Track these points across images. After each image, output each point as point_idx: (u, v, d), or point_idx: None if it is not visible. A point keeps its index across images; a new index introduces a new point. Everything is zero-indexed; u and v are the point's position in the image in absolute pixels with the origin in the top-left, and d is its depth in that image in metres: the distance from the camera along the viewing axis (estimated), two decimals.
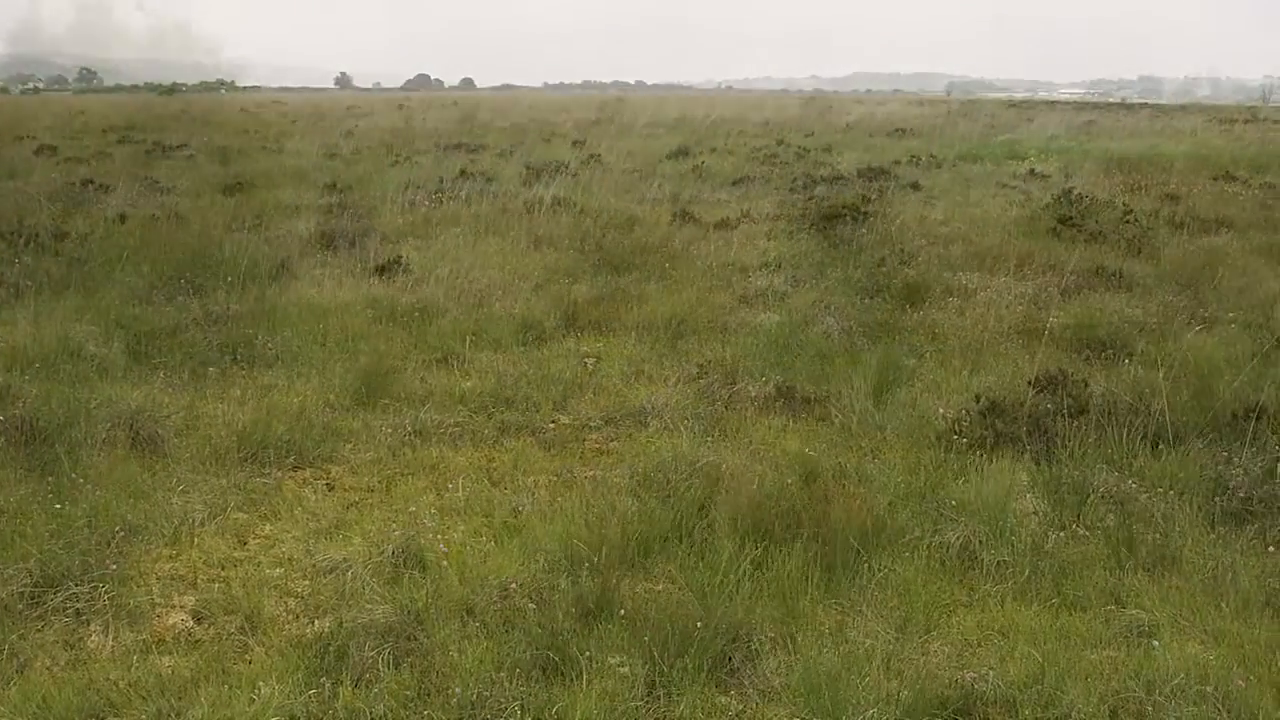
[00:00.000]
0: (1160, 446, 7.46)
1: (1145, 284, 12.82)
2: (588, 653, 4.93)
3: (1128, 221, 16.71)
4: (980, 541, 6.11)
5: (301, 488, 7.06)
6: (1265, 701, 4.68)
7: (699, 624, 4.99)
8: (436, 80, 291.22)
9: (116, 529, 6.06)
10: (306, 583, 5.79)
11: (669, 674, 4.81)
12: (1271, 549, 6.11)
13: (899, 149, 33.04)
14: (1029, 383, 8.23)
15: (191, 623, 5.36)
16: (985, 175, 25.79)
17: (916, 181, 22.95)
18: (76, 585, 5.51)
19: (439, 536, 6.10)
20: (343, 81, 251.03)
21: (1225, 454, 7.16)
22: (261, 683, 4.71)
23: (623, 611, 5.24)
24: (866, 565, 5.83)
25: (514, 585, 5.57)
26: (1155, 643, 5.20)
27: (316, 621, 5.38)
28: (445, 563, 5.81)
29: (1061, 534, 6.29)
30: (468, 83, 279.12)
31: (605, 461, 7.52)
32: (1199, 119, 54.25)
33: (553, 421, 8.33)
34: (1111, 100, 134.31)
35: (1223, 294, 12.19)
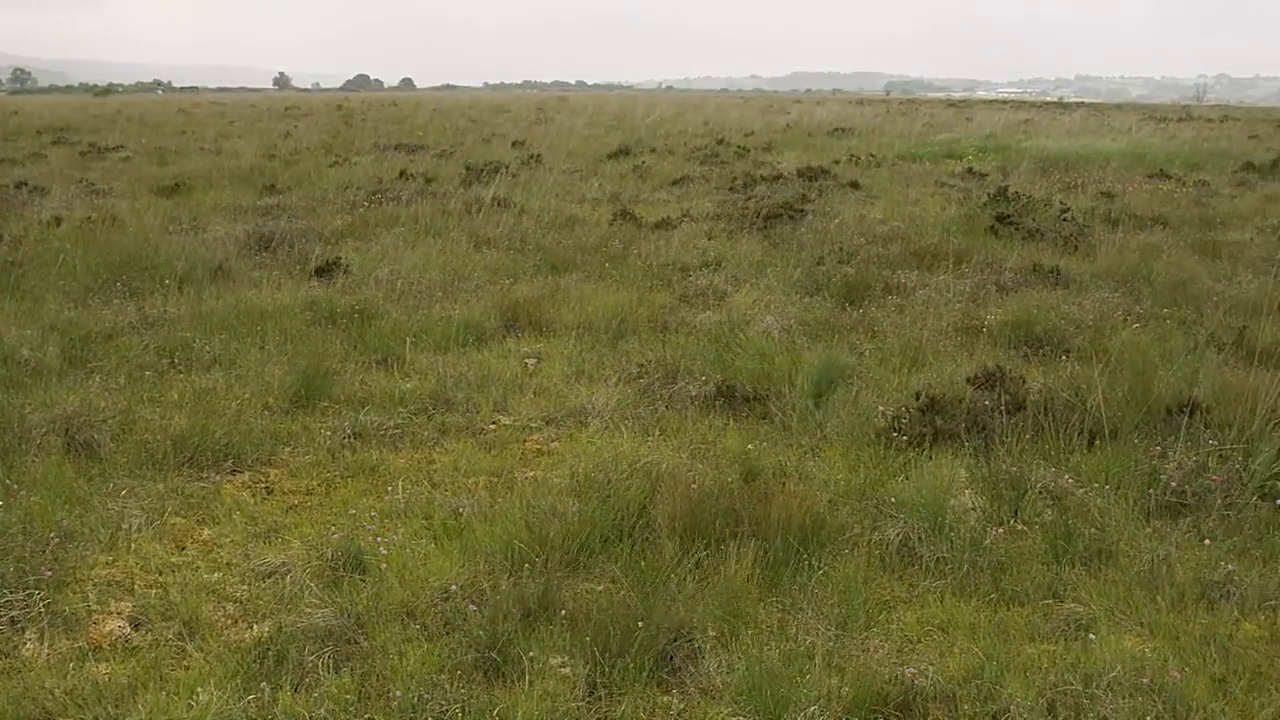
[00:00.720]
0: (1096, 442, 7.53)
1: (1082, 281, 12.95)
2: (529, 654, 4.91)
3: (1064, 219, 16.93)
4: (920, 538, 6.15)
5: (240, 491, 7.01)
6: (1199, 693, 4.73)
7: (640, 623, 4.98)
8: (376, 81, 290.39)
9: (51, 535, 5.98)
10: (245, 587, 5.73)
11: (611, 674, 4.80)
12: (1206, 542, 6.18)
13: (838, 148, 33.26)
14: (967, 380, 8.30)
15: (129, 629, 5.30)
16: (924, 174, 25.99)
17: (856, 180, 23.04)
18: (11, 593, 5.44)
19: (379, 539, 6.06)
20: (281, 82, 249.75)
21: (1159, 448, 7.24)
22: (200, 689, 4.66)
23: (564, 612, 5.22)
24: (807, 563, 5.84)
25: (455, 587, 5.55)
26: (1092, 636, 5.24)
27: (255, 626, 5.33)
28: (385, 565, 5.78)
29: (1000, 529, 6.32)
30: (407, 83, 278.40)
31: (546, 462, 7.51)
32: (1134, 118, 54.86)
33: (493, 422, 8.31)
34: (1049, 99, 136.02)
35: (1158, 290, 12.33)
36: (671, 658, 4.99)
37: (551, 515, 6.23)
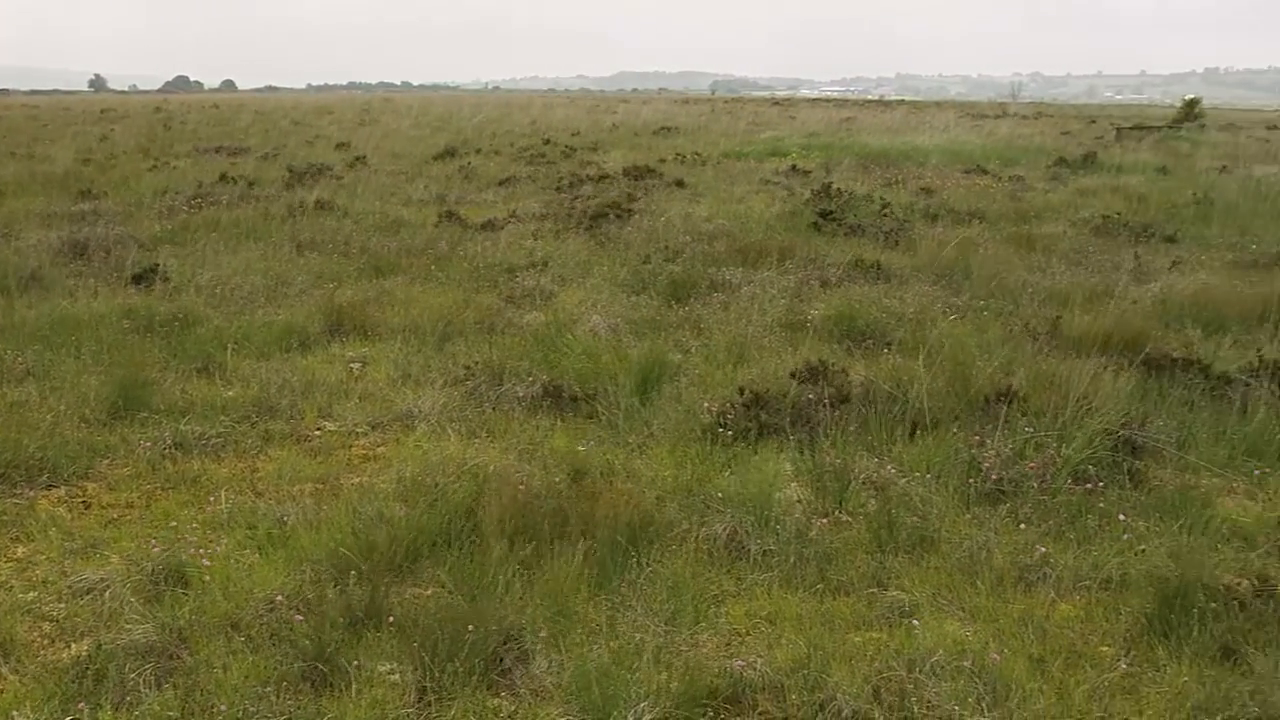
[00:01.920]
0: (918, 432, 7.70)
1: (902, 275, 13.22)
2: (356, 662, 4.87)
3: (885, 215, 17.26)
4: (747, 532, 6.21)
5: (56, 507, 6.80)
6: (1018, 673, 4.87)
7: (469, 627, 4.95)
8: (196, 82, 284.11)
9: None
10: (62, 605, 5.57)
11: (440, 679, 4.76)
12: (1023, 526, 6.37)
13: (664, 147, 33.46)
14: (792, 374, 8.40)
15: None
16: (749, 172, 26.26)
17: (681, 179, 23.23)
18: None
19: (201, 551, 5.93)
20: (97, 84, 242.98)
21: (979, 437, 7.41)
22: (15, 712, 4.53)
23: (392, 618, 5.18)
24: (636, 560, 5.86)
25: (280, 597, 5.45)
26: (915, 622, 5.36)
27: (73, 645, 5.19)
28: (208, 578, 5.66)
29: (825, 521, 6.44)
30: (229, 84, 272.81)
31: (372, 467, 7.42)
32: (953, 115, 56.12)
33: (318, 429, 8.20)
34: (870, 97, 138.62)
35: (975, 283, 12.64)
36: (501, 660, 4.98)
37: (378, 521, 6.17)
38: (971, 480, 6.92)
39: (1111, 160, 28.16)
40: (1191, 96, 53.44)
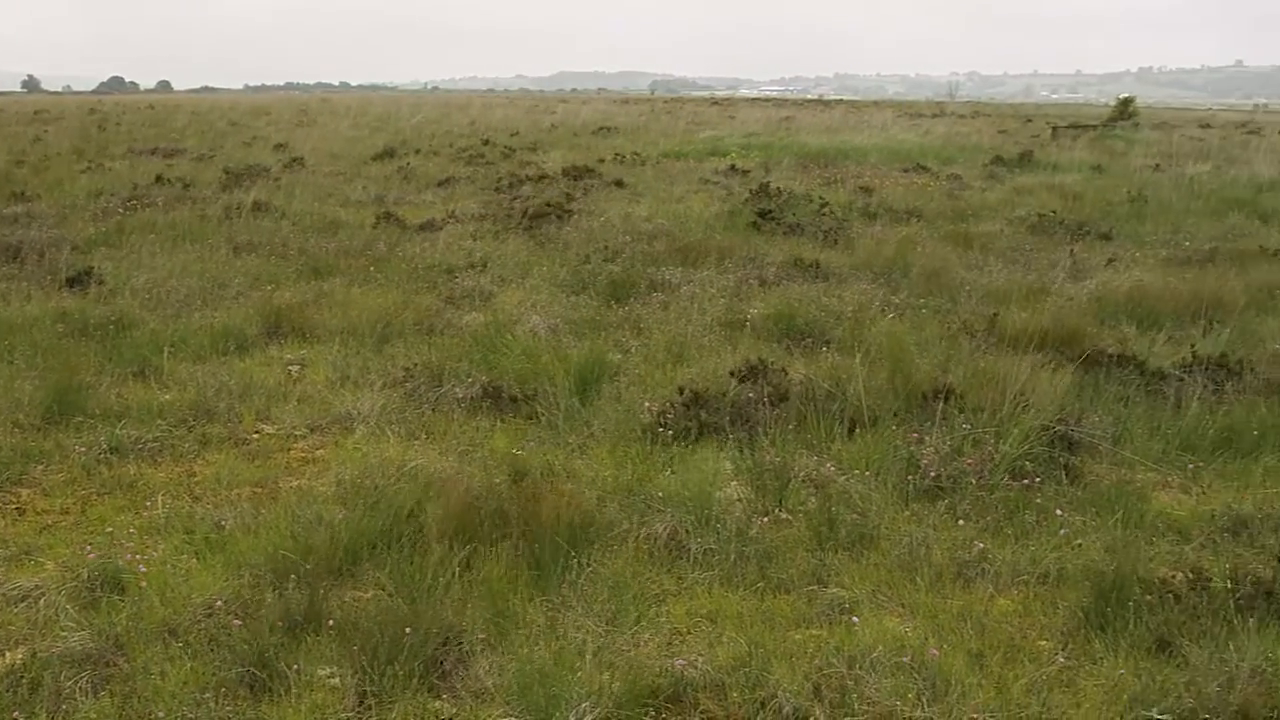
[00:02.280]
0: (857, 430, 7.73)
1: (841, 274, 13.28)
2: (296, 666, 4.83)
3: (824, 214, 17.32)
4: (687, 531, 6.22)
5: None
6: (957, 667, 4.90)
7: (409, 629, 4.94)
8: (131, 83, 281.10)
9: None
10: None
11: (380, 682, 4.74)
12: (961, 522, 6.41)
13: (604, 147, 33.44)
14: (731, 373, 8.42)
15: None
16: (688, 171, 26.29)
17: (621, 179, 23.23)
18: None
19: (138, 557, 5.87)
20: (30, 84, 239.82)
21: (917, 434, 7.46)
22: None
23: (331, 622, 5.14)
24: (576, 561, 5.86)
25: (218, 602, 5.40)
26: (855, 619, 5.37)
27: (8, 653, 5.11)
28: (145, 583, 5.60)
29: (765, 519, 6.46)
30: (164, 85, 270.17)
31: (311, 470, 7.37)
32: (891, 114, 56.56)
33: (256, 432, 8.13)
34: (809, 97, 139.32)
35: (914, 281, 12.73)
36: (441, 662, 4.96)
37: (317, 524, 6.13)
38: (910, 477, 6.96)
39: (1048, 159, 28.45)
40: (1126, 95, 54.13)
